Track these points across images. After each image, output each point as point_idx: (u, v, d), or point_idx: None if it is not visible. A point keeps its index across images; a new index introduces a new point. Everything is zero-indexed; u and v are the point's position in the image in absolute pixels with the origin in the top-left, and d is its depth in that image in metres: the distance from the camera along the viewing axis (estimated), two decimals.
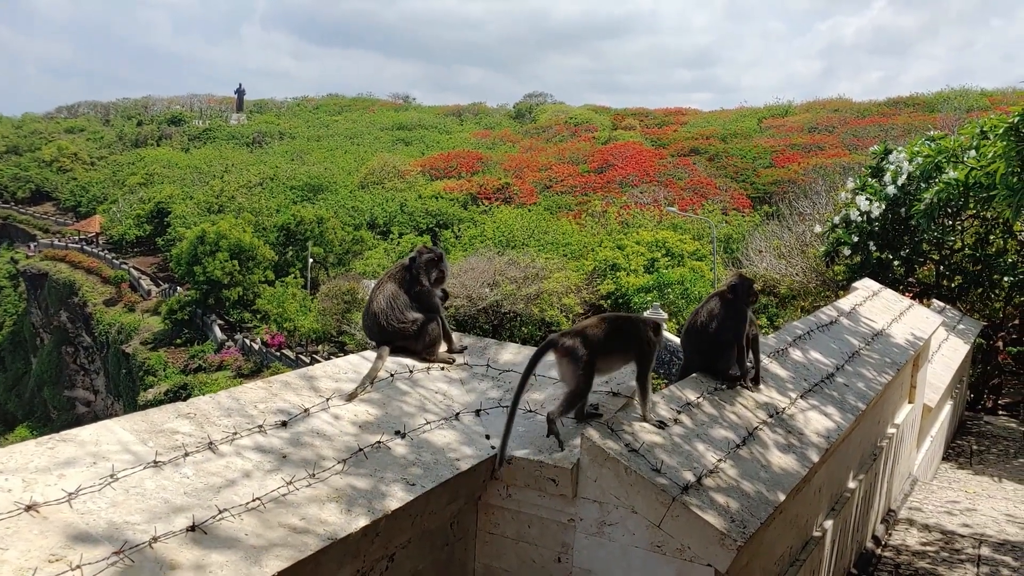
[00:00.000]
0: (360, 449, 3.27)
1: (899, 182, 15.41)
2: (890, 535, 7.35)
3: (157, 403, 47.56)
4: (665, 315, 28.64)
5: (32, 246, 72.10)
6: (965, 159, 13.83)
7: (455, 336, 4.75)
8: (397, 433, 3.52)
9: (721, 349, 4.98)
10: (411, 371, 4.20)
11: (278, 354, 49.38)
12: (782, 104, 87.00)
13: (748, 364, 5.18)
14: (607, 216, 53.14)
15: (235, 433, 3.12)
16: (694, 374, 5.02)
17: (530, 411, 4.04)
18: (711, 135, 74.54)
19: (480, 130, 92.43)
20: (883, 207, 15.52)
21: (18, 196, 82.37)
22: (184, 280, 59.00)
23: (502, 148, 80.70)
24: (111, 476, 2.64)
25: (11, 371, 70.21)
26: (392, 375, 4.10)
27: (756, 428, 4.60)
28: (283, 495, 2.85)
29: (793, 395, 5.34)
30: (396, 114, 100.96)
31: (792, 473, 4.29)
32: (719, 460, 3.98)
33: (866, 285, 9.36)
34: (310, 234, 57.71)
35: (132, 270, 66.55)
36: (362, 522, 2.86)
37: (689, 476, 3.65)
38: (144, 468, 2.75)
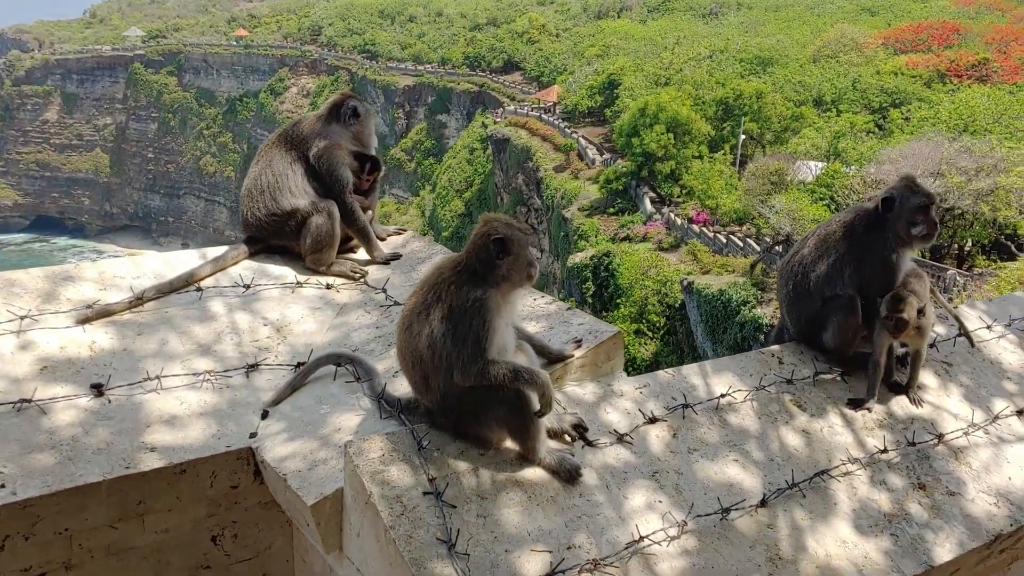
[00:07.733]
0: None
1: None
2: None
3: (581, 268, 50.24)
4: None
5: (499, 112, 78.75)
6: None
7: (388, 238, 3.29)
8: (95, 387, 2.38)
9: (829, 311, 2.91)
10: (247, 286, 2.94)
11: (698, 231, 48.52)
12: None
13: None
14: None
15: None
16: (775, 346, 3.03)
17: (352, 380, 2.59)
18: None
19: None
20: None
21: (492, 65, 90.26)
22: (623, 151, 60.34)
23: (987, 18, 68.25)
24: None
25: None
26: (200, 289, 2.87)
27: (827, 471, 2.55)
28: None
29: (1003, 406, 3.03)
30: None
31: None
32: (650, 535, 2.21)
33: None
34: (748, 109, 54.88)
35: (581, 139, 69.86)
36: None
37: (533, 567, 2.00)
38: None
